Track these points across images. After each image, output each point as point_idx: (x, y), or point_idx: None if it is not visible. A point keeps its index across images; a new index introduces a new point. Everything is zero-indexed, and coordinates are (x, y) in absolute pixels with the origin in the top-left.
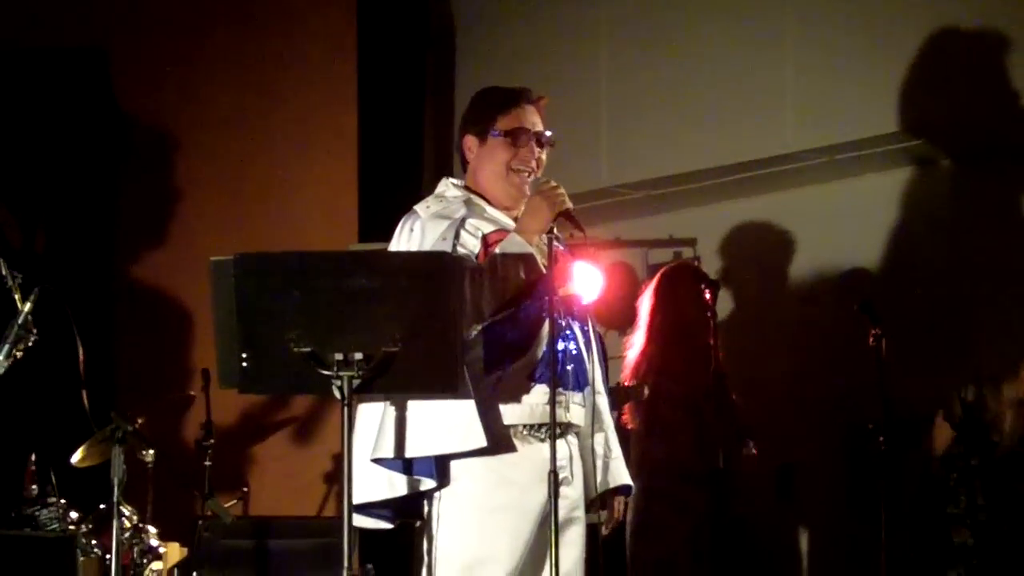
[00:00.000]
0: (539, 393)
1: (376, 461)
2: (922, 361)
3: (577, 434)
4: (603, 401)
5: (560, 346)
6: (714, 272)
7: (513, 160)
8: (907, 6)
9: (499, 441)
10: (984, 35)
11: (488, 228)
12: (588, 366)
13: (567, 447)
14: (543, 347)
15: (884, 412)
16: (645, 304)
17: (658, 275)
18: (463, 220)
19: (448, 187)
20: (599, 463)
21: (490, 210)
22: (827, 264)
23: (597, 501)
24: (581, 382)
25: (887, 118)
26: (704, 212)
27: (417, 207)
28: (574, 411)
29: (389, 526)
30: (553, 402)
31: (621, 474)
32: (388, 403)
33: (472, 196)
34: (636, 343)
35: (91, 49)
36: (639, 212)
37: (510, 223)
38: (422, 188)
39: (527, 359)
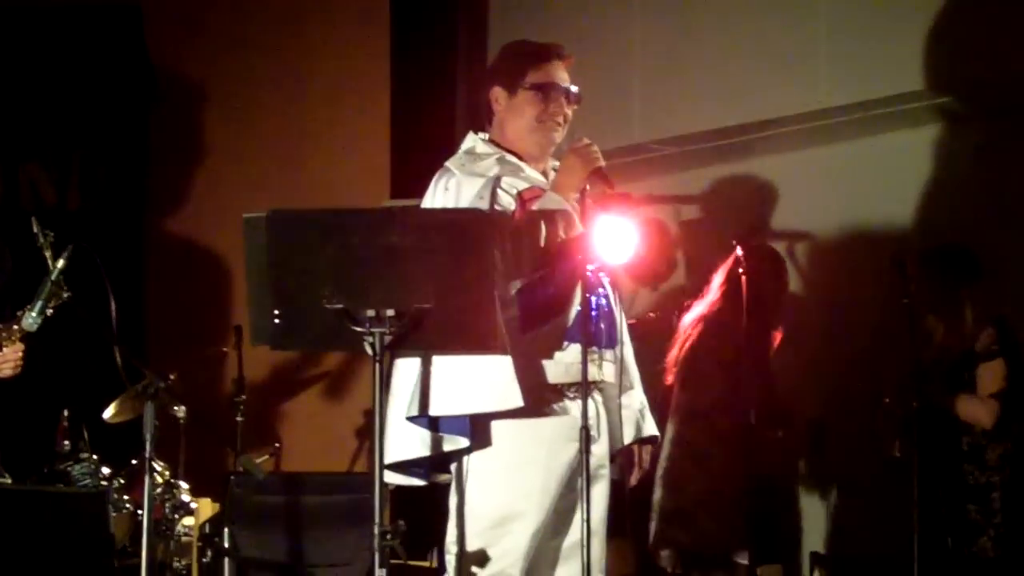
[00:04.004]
0: (573, 352)
1: (412, 419)
2: None
3: (602, 391)
4: (628, 352)
5: (592, 302)
6: (745, 229)
7: (542, 114)
8: None
9: (532, 400)
10: None
11: (522, 186)
12: (618, 322)
13: (594, 405)
14: (577, 306)
15: (916, 369)
16: (717, 278)
17: (737, 251)
18: (498, 178)
19: (477, 143)
20: (626, 415)
21: (524, 168)
22: (859, 220)
23: (620, 454)
24: (613, 338)
25: (920, 74)
26: (737, 168)
27: (450, 164)
28: (607, 368)
29: (422, 483)
30: (585, 359)
31: (649, 425)
32: (424, 361)
33: (505, 154)
34: (696, 309)
35: (125, 6)
36: (671, 168)
37: (544, 181)
38: (455, 144)
39: (562, 318)
